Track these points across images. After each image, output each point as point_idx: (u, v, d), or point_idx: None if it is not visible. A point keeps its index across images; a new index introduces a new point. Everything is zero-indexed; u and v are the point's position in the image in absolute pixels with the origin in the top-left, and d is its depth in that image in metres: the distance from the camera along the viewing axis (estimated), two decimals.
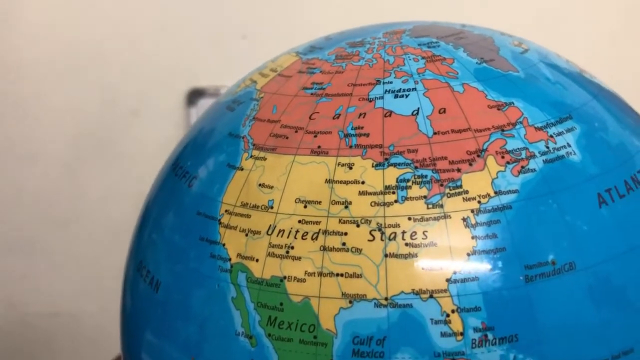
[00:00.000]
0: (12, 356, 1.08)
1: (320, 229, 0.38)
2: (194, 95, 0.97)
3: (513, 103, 0.41)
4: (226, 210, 0.41)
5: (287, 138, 0.41)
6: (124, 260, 0.49)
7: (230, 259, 0.40)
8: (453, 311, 0.37)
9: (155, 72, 0.98)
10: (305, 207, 0.39)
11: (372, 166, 0.39)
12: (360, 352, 0.37)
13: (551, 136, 0.40)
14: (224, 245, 0.40)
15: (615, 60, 0.94)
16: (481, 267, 0.37)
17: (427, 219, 0.38)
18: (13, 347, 1.08)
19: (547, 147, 0.40)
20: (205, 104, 0.95)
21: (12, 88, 1.00)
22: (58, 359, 1.09)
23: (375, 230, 0.38)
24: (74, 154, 1.01)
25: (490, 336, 0.37)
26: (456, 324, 0.37)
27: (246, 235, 0.39)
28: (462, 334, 0.37)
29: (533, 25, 0.93)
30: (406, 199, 0.38)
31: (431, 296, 0.37)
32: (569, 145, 0.40)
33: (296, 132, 0.41)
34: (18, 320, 1.08)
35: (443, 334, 0.37)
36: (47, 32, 0.98)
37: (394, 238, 0.37)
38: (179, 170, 0.45)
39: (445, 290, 0.37)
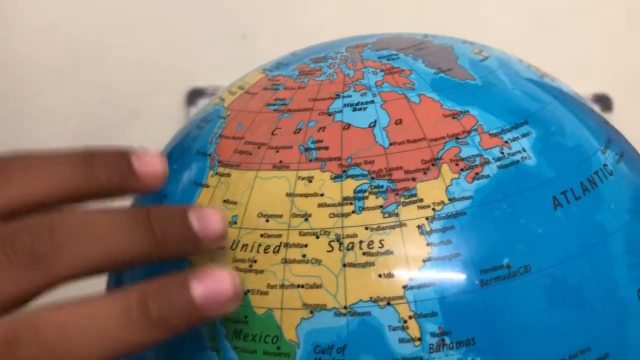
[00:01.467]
0: None
1: (281, 242, 0.39)
2: (194, 95, 0.98)
3: (468, 111, 0.42)
4: None
5: (250, 154, 0.42)
6: None
7: None
8: (410, 317, 0.37)
9: (155, 72, 0.98)
10: (267, 221, 0.40)
11: (331, 178, 0.40)
12: None
13: (506, 142, 0.41)
14: (190, 261, 0.41)
15: (615, 60, 0.94)
16: (437, 273, 0.38)
17: (384, 228, 0.38)
18: None
19: (502, 153, 0.40)
20: (205, 103, 0.96)
21: (12, 88, 1.00)
22: None
23: (334, 240, 0.39)
24: None
25: (447, 340, 0.37)
26: (414, 329, 0.37)
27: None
28: (419, 339, 0.37)
29: (532, 26, 0.93)
30: (363, 209, 0.39)
31: (388, 303, 0.38)
32: (524, 150, 0.41)
33: (259, 147, 0.42)
34: None
35: (401, 340, 0.37)
36: (47, 32, 0.98)
37: (352, 248, 0.38)
38: None
39: (402, 297, 0.38)
